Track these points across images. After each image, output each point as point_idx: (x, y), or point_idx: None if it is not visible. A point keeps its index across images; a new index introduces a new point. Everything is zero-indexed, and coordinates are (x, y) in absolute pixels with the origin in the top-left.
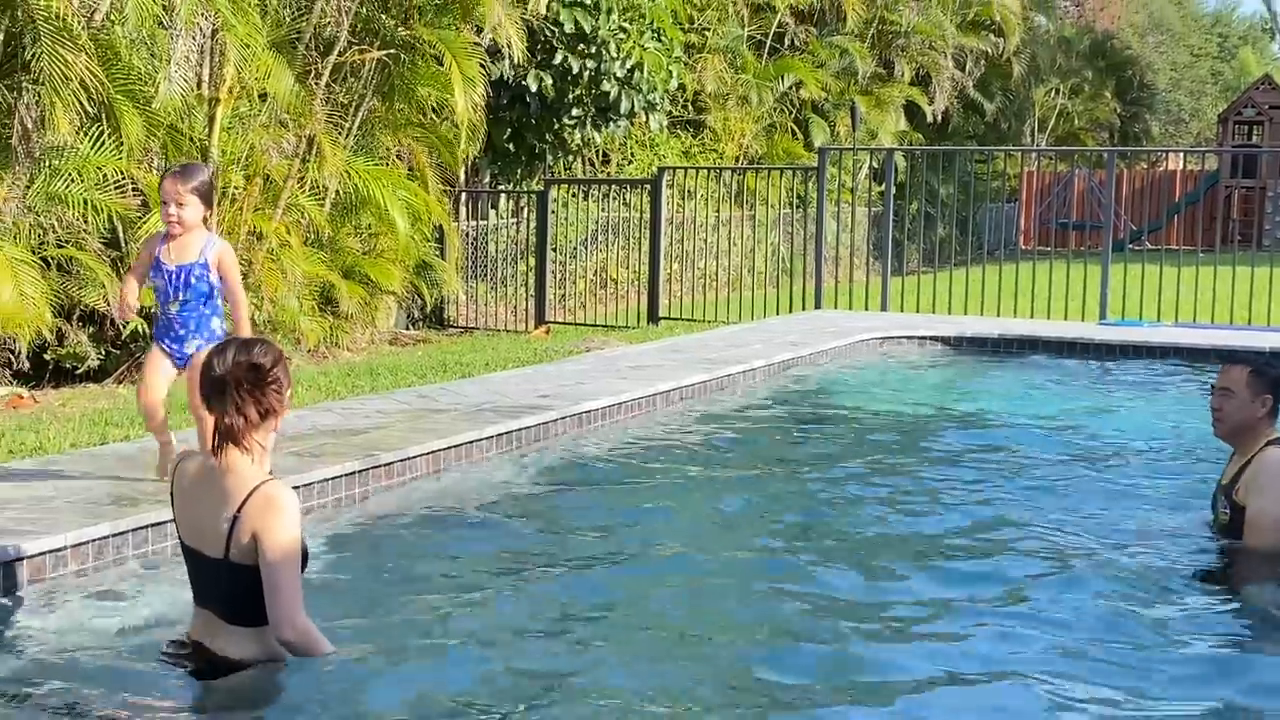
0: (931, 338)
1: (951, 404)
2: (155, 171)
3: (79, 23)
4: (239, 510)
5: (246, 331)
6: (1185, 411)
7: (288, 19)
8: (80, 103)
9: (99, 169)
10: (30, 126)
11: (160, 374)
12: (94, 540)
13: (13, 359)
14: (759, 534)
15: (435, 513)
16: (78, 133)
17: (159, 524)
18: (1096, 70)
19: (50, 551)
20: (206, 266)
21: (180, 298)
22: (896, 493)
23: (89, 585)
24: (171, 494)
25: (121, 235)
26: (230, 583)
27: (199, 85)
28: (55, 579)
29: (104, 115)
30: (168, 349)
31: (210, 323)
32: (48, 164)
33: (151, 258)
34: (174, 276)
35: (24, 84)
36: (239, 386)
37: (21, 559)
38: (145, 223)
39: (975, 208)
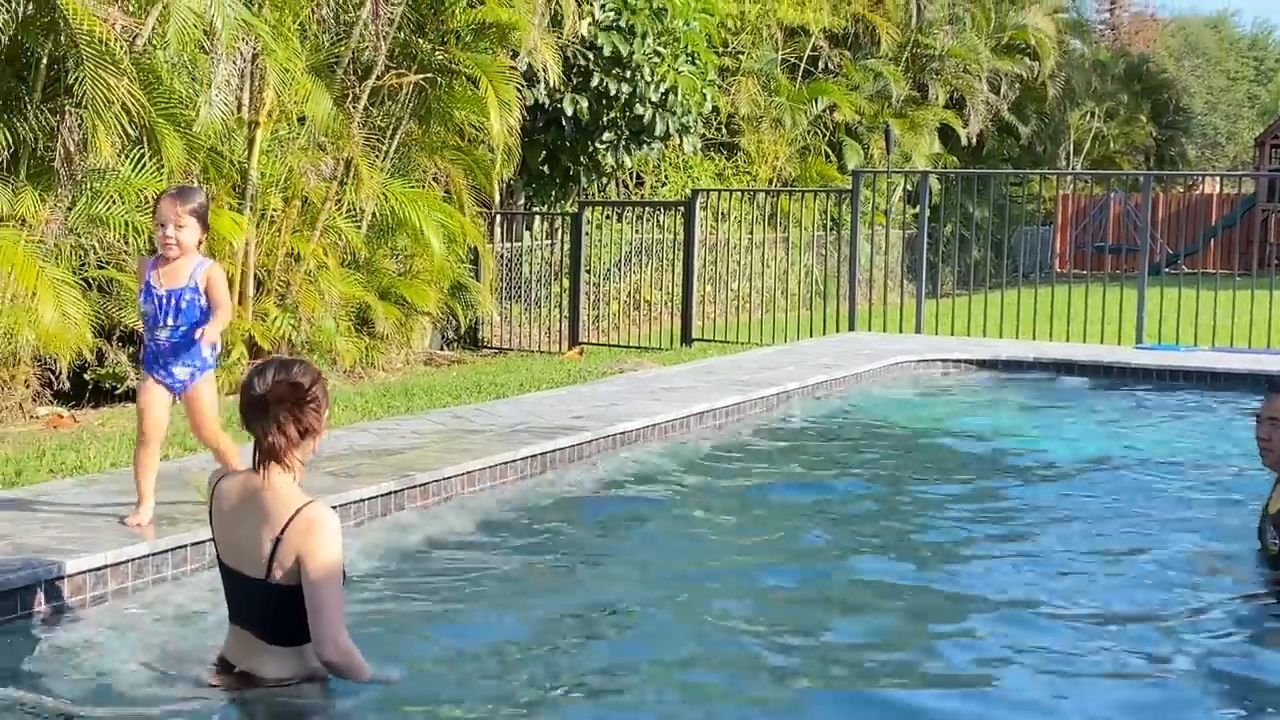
0: (966, 360)
1: (987, 428)
2: None
3: (121, 47)
4: (282, 532)
5: (216, 326)
6: (1223, 437)
7: (326, 44)
8: (122, 126)
9: (139, 191)
10: (73, 149)
11: (159, 406)
12: (134, 559)
13: (54, 379)
14: (787, 556)
15: (471, 533)
16: (119, 155)
17: (198, 543)
18: (1132, 94)
19: (91, 570)
20: (197, 290)
21: (170, 323)
22: (926, 517)
23: (129, 604)
24: (210, 514)
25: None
26: (270, 602)
27: (239, 109)
28: (96, 597)
29: (145, 138)
30: (160, 378)
31: (201, 350)
32: (89, 186)
33: (143, 280)
34: (164, 301)
35: (67, 107)
36: (279, 405)
37: (63, 577)
38: None
39: (1010, 230)
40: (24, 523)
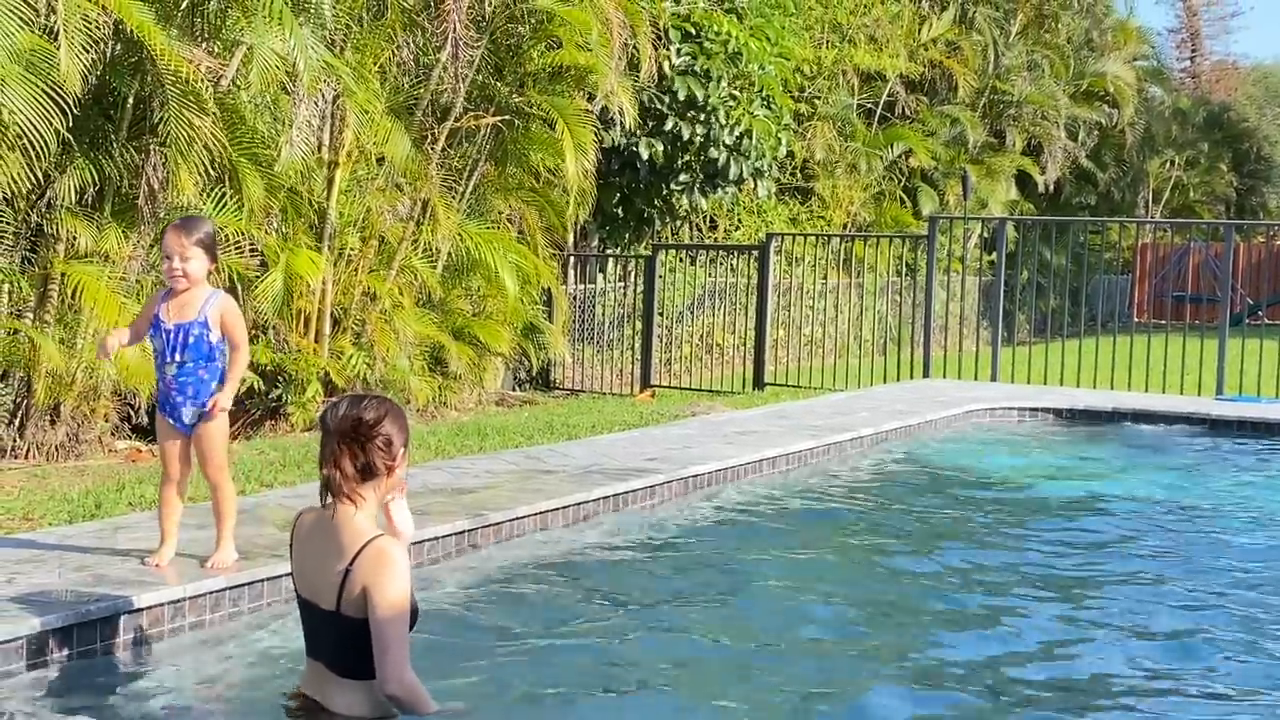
0: (1042, 409)
1: (1062, 478)
2: (275, 233)
3: (205, 88)
4: (351, 564)
5: (231, 388)
6: None
7: (406, 86)
8: (204, 165)
9: (220, 229)
10: (156, 187)
11: (172, 446)
12: (211, 592)
13: (132, 413)
14: (863, 603)
15: (543, 573)
16: (201, 194)
17: (274, 578)
18: (1212, 142)
19: (169, 603)
20: (206, 325)
21: (178, 359)
22: (1002, 569)
23: (206, 636)
24: (290, 545)
25: (240, 294)
26: (340, 635)
27: (319, 149)
28: (173, 629)
29: (226, 177)
30: (169, 419)
31: (211, 388)
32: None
33: (152, 314)
34: (172, 335)
35: (151, 146)
36: (340, 440)
37: (140, 609)
38: (264, 281)
39: (1087, 279)
40: (103, 555)
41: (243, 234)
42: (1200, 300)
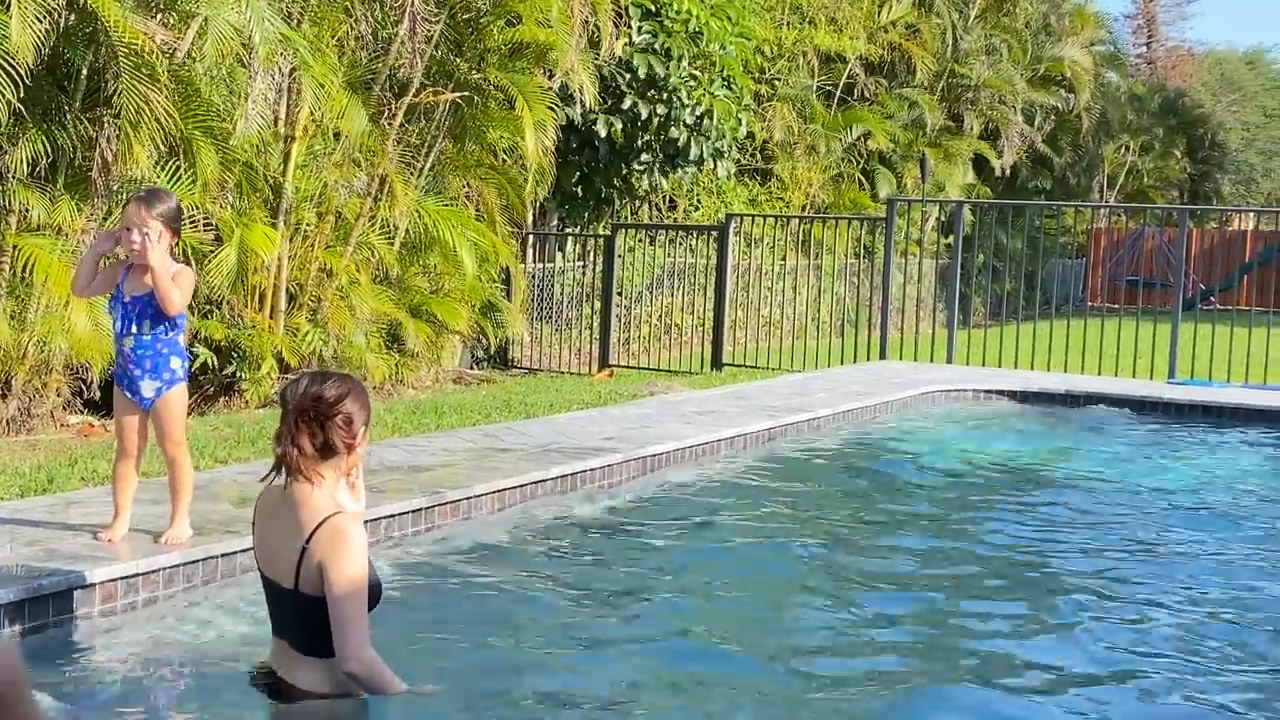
0: (997, 391)
1: (1016, 458)
2: (230, 207)
3: (159, 60)
4: (308, 541)
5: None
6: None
7: (364, 60)
8: (158, 137)
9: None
10: (110, 159)
11: (129, 421)
12: (165, 568)
13: (85, 387)
14: (815, 581)
15: (500, 551)
16: (155, 167)
17: (228, 554)
18: (1167, 128)
19: (123, 578)
20: (152, 295)
21: (135, 331)
22: (953, 547)
23: (159, 612)
24: (253, 523)
25: (194, 268)
26: (301, 612)
27: (275, 123)
28: (126, 605)
29: (181, 150)
30: (128, 394)
31: (170, 363)
32: (124, 197)
33: (114, 281)
34: (129, 308)
35: (105, 118)
36: (299, 417)
37: (93, 585)
38: (217, 256)
39: (1042, 262)
40: (55, 530)
41: (197, 208)
42: (1153, 285)
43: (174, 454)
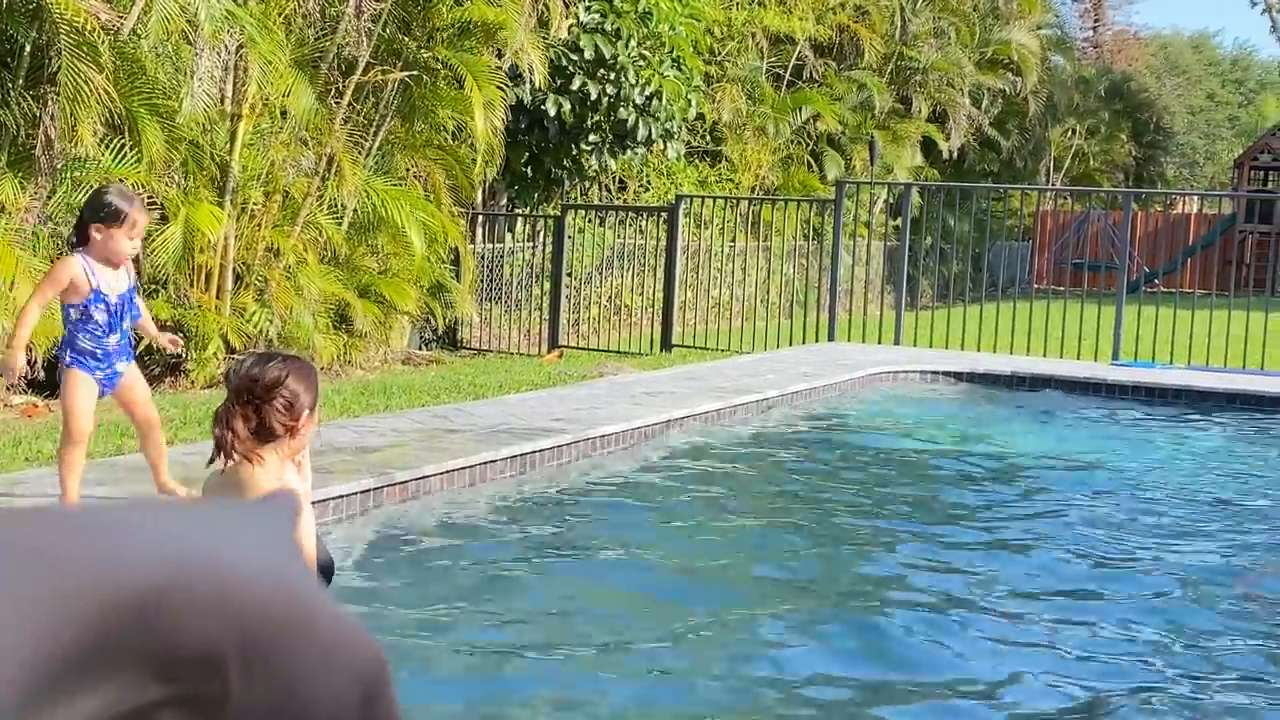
0: (944, 373)
1: (961, 439)
2: (176, 186)
3: (100, 37)
4: None
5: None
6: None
7: (311, 38)
8: (103, 115)
9: (120, 181)
10: (53, 138)
11: (92, 411)
12: None
13: (29, 368)
14: (758, 561)
15: (449, 531)
16: (100, 145)
17: None
18: (1113, 112)
19: None
20: (134, 286)
21: (122, 326)
22: (897, 526)
23: None
24: None
25: (139, 248)
26: None
27: (221, 101)
28: None
29: (126, 128)
30: (100, 377)
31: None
32: (69, 175)
33: (89, 288)
34: (117, 308)
35: (49, 96)
36: (236, 399)
37: None
38: (162, 235)
39: (989, 245)
40: None
41: (143, 186)
42: (1098, 267)
43: (151, 414)
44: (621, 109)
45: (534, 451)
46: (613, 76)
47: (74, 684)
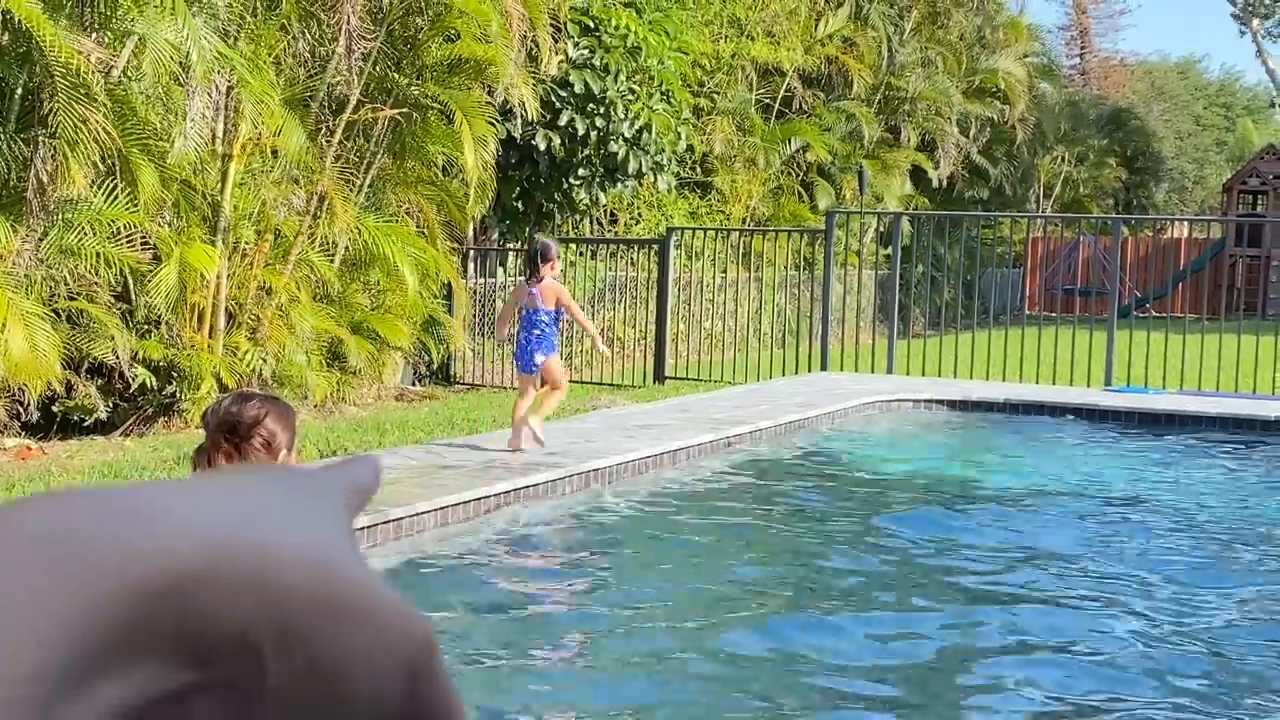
0: (937, 401)
1: (957, 467)
2: (168, 226)
3: (96, 79)
4: None
5: None
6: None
7: (302, 77)
8: (95, 157)
9: (112, 222)
10: (45, 180)
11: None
12: None
13: (22, 410)
14: (755, 592)
15: (443, 569)
16: (92, 186)
17: None
18: (1102, 138)
19: None
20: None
21: (533, 333)
22: (894, 556)
23: None
24: None
25: (132, 288)
26: None
27: (213, 141)
28: None
29: (118, 169)
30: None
31: (544, 344)
32: (61, 217)
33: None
34: (532, 316)
35: (40, 138)
36: (215, 439)
37: None
38: (156, 275)
39: (980, 272)
40: None
41: (135, 227)
42: (1089, 293)
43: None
44: (611, 143)
45: (528, 486)
46: (602, 111)
47: (102, 670)
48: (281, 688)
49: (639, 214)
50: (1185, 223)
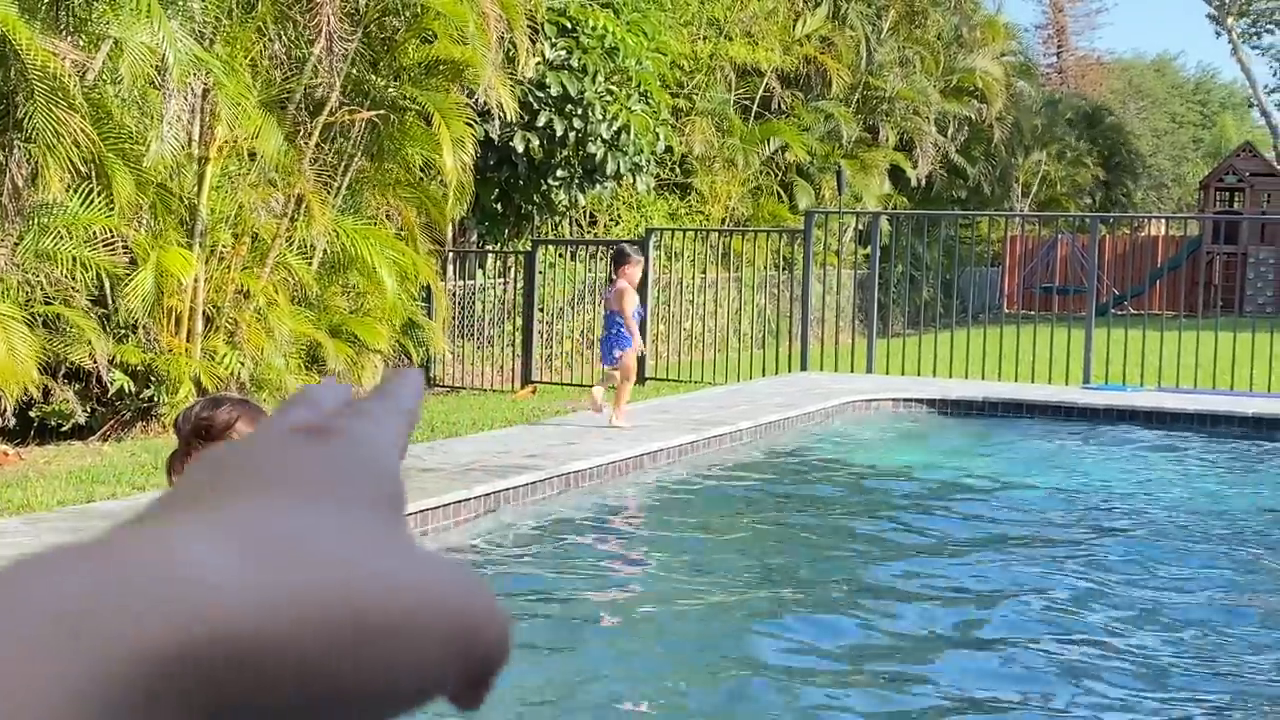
0: (917, 400)
1: (936, 465)
2: (145, 230)
3: (73, 82)
4: None
5: None
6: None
7: (279, 79)
8: (72, 161)
9: (88, 226)
10: (21, 184)
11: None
12: None
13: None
14: (738, 593)
15: None
16: (68, 190)
17: None
18: (1078, 136)
19: None
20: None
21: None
22: (876, 555)
23: None
24: None
25: (109, 292)
26: None
27: (189, 144)
28: None
29: (94, 173)
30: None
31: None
32: (37, 221)
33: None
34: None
35: (15, 142)
36: (188, 444)
37: None
38: (133, 279)
39: (959, 271)
40: None
41: (111, 231)
42: (1067, 291)
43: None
44: (590, 144)
45: (508, 489)
46: (580, 112)
47: None
48: (320, 696)
49: (618, 215)
50: (1162, 220)
